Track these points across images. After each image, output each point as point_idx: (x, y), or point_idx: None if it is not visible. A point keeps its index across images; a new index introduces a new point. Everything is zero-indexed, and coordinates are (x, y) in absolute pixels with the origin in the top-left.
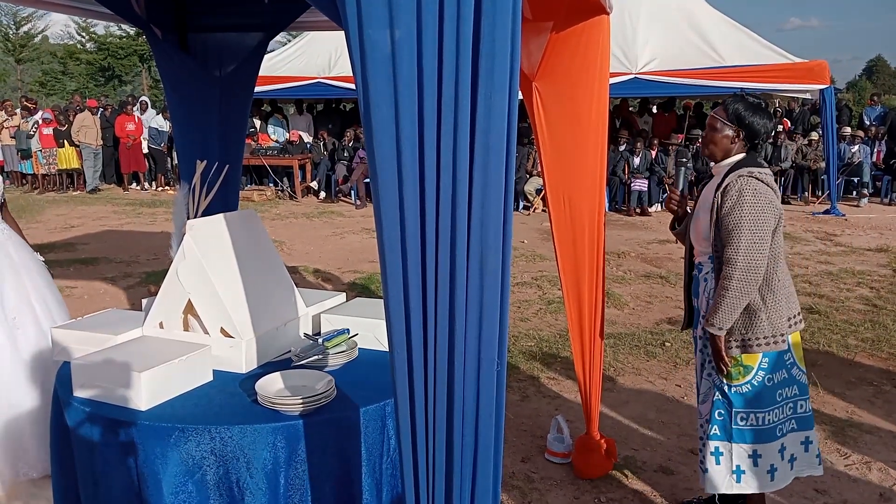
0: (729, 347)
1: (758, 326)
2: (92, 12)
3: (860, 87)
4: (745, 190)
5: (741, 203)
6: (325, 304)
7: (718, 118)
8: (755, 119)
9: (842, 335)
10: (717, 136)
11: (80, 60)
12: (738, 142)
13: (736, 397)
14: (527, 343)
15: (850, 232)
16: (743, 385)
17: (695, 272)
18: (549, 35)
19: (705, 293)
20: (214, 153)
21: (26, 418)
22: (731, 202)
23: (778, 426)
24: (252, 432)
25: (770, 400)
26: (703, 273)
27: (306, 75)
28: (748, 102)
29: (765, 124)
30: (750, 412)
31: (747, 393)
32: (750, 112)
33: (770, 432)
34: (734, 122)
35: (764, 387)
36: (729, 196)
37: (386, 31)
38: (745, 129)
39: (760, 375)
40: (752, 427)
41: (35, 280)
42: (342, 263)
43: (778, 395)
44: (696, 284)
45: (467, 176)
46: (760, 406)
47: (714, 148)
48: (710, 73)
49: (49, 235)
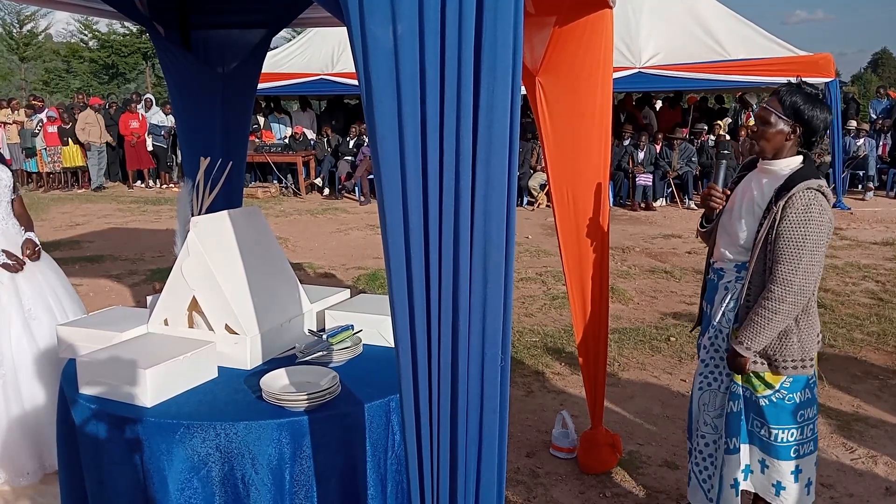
0: (753, 363)
1: (788, 348)
2: (95, 10)
3: (865, 79)
4: (812, 206)
5: (808, 220)
6: (329, 301)
7: (773, 111)
8: (815, 113)
9: (847, 329)
10: (770, 132)
11: (83, 58)
12: (793, 138)
13: (753, 406)
14: (531, 338)
15: (855, 226)
16: (761, 398)
17: (711, 276)
18: (552, 29)
19: (724, 303)
20: (218, 150)
21: (46, 409)
22: (795, 217)
23: (793, 446)
24: (257, 428)
25: (787, 419)
26: (724, 281)
27: (309, 72)
28: (807, 94)
29: (824, 119)
30: (764, 424)
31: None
32: (809, 105)
33: (783, 450)
34: (791, 117)
35: (783, 405)
36: (794, 209)
37: (388, 27)
38: (803, 124)
39: (782, 393)
40: (763, 437)
41: (46, 273)
42: (346, 260)
43: (798, 417)
44: (712, 291)
45: (470, 171)
46: (777, 423)
47: (766, 144)
48: (714, 66)
49: (54, 233)
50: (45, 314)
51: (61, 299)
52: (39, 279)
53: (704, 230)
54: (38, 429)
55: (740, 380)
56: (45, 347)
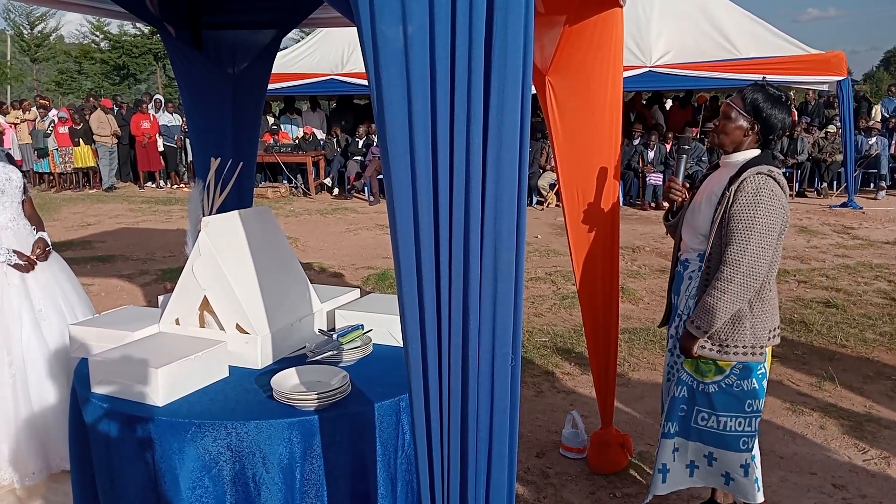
0: (702, 346)
1: (740, 333)
2: (106, 11)
3: (877, 78)
4: (762, 189)
5: (756, 202)
6: (339, 300)
7: (734, 107)
8: (773, 112)
9: (859, 329)
10: (730, 126)
11: (94, 59)
12: (751, 135)
13: (701, 396)
14: (541, 338)
15: (867, 225)
16: (710, 384)
17: (678, 269)
18: (562, 29)
19: (687, 292)
20: (228, 150)
21: (54, 409)
22: (745, 199)
23: (742, 437)
24: (268, 428)
25: (736, 406)
26: (689, 271)
27: (319, 72)
28: (768, 94)
29: (782, 119)
30: (712, 413)
31: (714, 393)
32: (769, 104)
33: (732, 441)
34: (750, 114)
35: (732, 392)
36: (744, 193)
37: (398, 27)
38: (760, 122)
39: (731, 379)
40: (710, 429)
41: (56, 274)
42: (356, 259)
43: (747, 406)
44: (679, 282)
45: (480, 171)
46: (725, 410)
47: (725, 138)
48: (725, 65)
49: (66, 233)
50: (55, 314)
51: (71, 299)
52: (50, 279)
53: (669, 224)
54: (45, 428)
55: (689, 366)
56: (55, 347)
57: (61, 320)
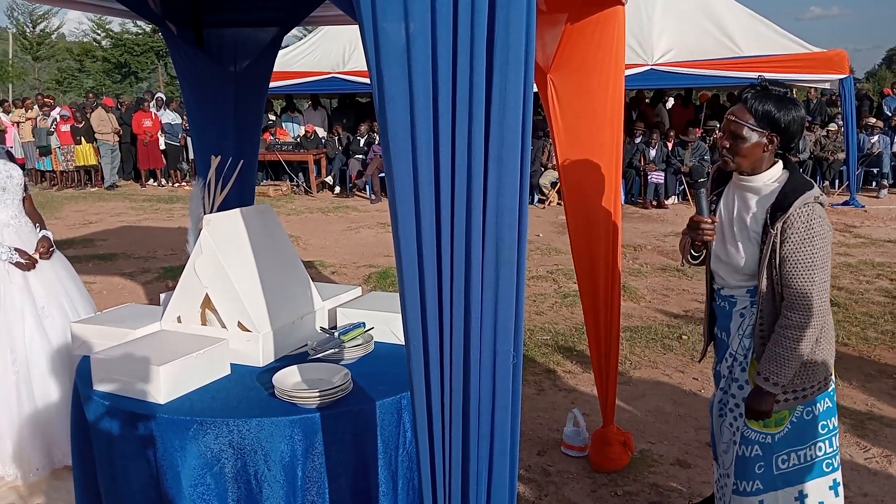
0: (777, 401)
1: (814, 371)
2: (108, 9)
3: (880, 76)
4: (813, 221)
5: (811, 237)
6: (340, 298)
7: (744, 123)
8: (791, 117)
9: (861, 328)
10: (745, 147)
11: (96, 58)
12: (770, 148)
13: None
14: (542, 336)
15: (869, 223)
16: (777, 434)
17: (720, 303)
18: (564, 27)
19: (740, 331)
20: (230, 148)
21: (57, 406)
22: (798, 237)
23: (824, 461)
24: (269, 425)
25: (812, 434)
26: (738, 308)
27: (320, 70)
28: (775, 97)
29: (800, 119)
30: (791, 451)
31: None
32: (782, 110)
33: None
34: (766, 128)
35: (804, 421)
36: (795, 230)
37: (400, 24)
38: (780, 132)
39: (799, 410)
40: (794, 467)
41: (59, 272)
42: (357, 257)
43: (821, 427)
44: (725, 318)
45: (482, 169)
46: (803, 443)
47: (742, 161)
48: (727, 63)
49: (67, 231)
50: (58, 312)
51: (73, 297)
52: (52, 277)
53: (695, 262)
54: (48, 425)
55: (756, 425)
56: (58, 345)
57: (64, 318)
